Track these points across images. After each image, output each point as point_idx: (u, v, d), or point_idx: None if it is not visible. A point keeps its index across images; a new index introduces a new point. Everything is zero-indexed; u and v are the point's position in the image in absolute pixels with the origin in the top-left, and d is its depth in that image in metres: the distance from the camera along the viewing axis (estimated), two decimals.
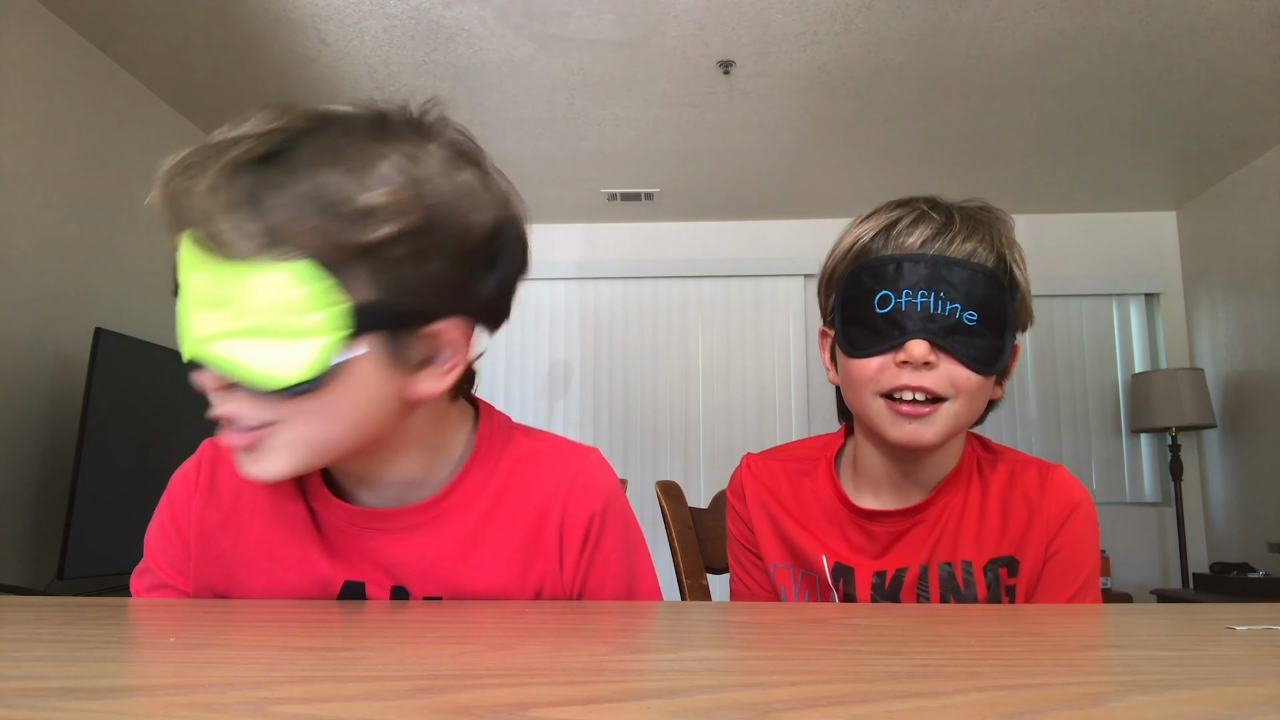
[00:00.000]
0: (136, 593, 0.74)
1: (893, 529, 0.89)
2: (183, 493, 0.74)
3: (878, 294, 0.84)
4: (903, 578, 0.87)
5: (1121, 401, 3.92)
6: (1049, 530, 0.86)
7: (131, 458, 2.32)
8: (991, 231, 0.85)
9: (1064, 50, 2.61)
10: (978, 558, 0.87)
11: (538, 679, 0.36)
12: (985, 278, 0.82)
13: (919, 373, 0.81)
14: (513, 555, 0.70)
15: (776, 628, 0.56)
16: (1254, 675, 0.38)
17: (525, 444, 0.75)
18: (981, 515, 0.88)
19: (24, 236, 2.32)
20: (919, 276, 0.82)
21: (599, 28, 2.53)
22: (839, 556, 0.89)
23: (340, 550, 0.70)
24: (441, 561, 0.69)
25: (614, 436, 4.03)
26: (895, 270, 0.83)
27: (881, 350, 0.83)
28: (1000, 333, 0.83)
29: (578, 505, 0.72)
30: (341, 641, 0.47)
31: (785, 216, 4.10)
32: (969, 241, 0.83)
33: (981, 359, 0.82)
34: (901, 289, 0.82)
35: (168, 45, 2.60)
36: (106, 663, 0.41)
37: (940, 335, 0.81)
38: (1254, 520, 3.43)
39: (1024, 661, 0.42)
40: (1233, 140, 3.24)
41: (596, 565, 0.72)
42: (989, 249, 0.84)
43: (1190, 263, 3.91)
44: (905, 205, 0.88)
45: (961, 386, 0.82)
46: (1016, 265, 0.86)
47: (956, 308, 0.81)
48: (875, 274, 0.85)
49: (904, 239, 0.84)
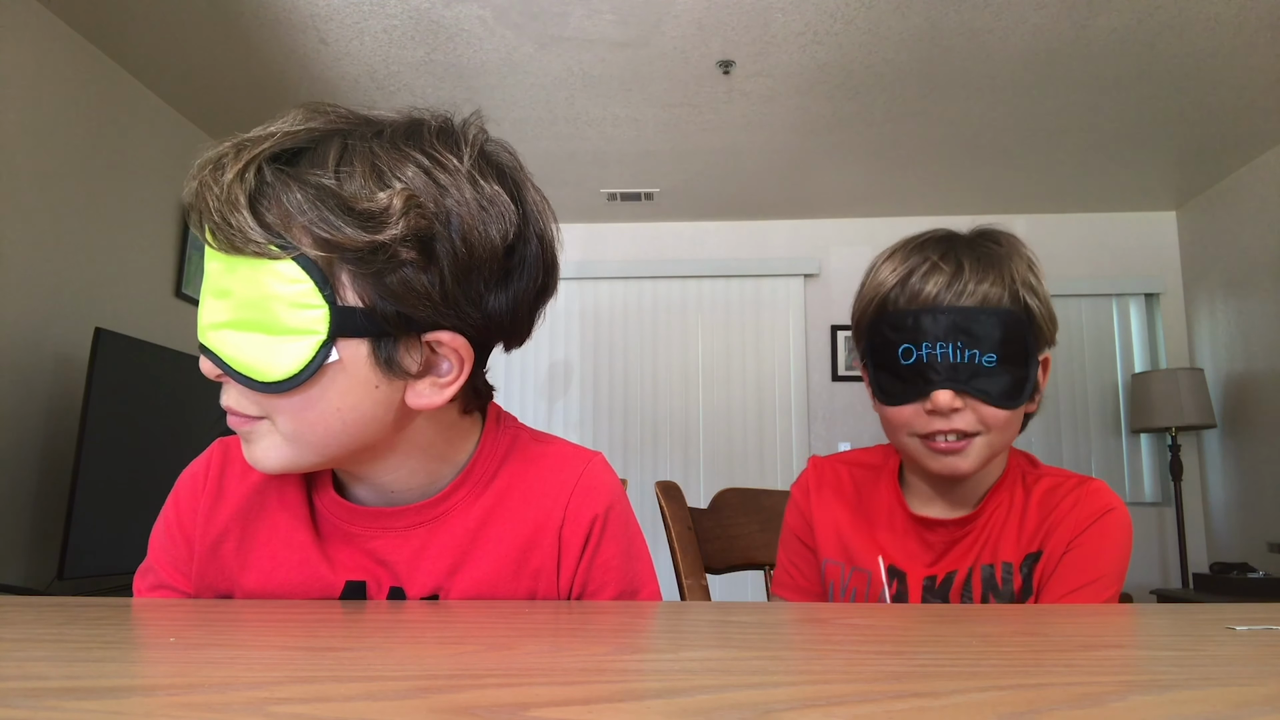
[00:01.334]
0: (138, 592, 0.74)
1: (946, 537, 0.95)
2: (190, 494, 0.74)
3: (900, 346, 0.89)
4: (952, 580, 0.93)
5: (1121, 401, 3.93)
6: (1076, 528, 0.90)
7: (131, 458, 2.32)
8: (1002, 269, 0.89)
9: (1064, 50, 2.61)
10: (1016, 557, 0.92)
11: (537, 679, 0.36)
12: (1001, 320, 0.87)
13: (948, 418, 0.87)
14: (508, 555, 0.70)
15: (776, 628, 0.56)
16: (1254, 675, 0.38)
17: (530, 447, 0.75)
18: (1022, 520, 0.93)
19: (24, 236, 2.32)
20: (938, 329, 0.87)
21: (599, 28, 2.53)
22: (893, 559, 0.95)
23: (343, 549, 0.70)
24: (440, 560, 0.69)
25: (614, 436, 4.03)
26: (914, 323, 0.88)
27: (909, 399, 0.89)
28: (1023, 364, 0.88)
29: (579, 509, 0.71)
30: (341, 641, 0.47)
31: (785, 216, 4.10)
32: (981, 285, 0.88)
33: (1006, 394, 0.87)
34: (922, 341, 0.88)
35: (168, 45, 2.60)
36: (106, 663, 0.41)
37: (963, 381, 0.87)
38: (1254, 520, 3.43)
39: (1024, 661, 0.42)
40: (1233, 140, 3.24)
41: (596, 569, 0.72)
42: (1001, 288, 0.88)
43: (1190, 263, 3.91)
44: (919, 252, 0.92)
45: (990, 422, 0.88)
46: (1030, 292, 0.90)
47: (975, 354, 0.87)
48: (895, 326, 0.90)
49: (919, 290, 0.89)
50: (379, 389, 0.61)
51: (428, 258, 0.59)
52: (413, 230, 0.58)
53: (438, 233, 0.59)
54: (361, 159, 0.59)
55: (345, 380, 0.60)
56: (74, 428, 2.23)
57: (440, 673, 0.38)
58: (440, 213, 0.59)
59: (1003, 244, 0.92)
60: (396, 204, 0.57)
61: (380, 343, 0.60)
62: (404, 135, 0.62)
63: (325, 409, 0.60)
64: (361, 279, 0.58)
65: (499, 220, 0.62)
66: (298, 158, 0.59)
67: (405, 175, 0.59)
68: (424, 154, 0.60)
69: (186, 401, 2.57)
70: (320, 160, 0.59)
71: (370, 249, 0.57)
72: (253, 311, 0.58)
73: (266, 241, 0.57)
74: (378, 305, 0.59)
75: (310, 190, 0.58)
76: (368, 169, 0.59)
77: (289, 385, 0.58)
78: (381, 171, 0.59)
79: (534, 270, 0.66)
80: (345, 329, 0.58)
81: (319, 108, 0.63)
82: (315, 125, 0.61)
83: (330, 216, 0.57)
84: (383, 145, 0.60)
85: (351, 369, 0.60)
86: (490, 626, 0.52)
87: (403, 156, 0.60)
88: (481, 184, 0.62)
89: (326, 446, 0.63)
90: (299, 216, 0.57)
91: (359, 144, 0.60)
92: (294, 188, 0.58)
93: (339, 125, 0.61)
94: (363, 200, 0.57)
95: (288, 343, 0.58)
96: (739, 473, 3.94)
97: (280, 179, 0.58)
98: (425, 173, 0.60)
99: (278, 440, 0.62)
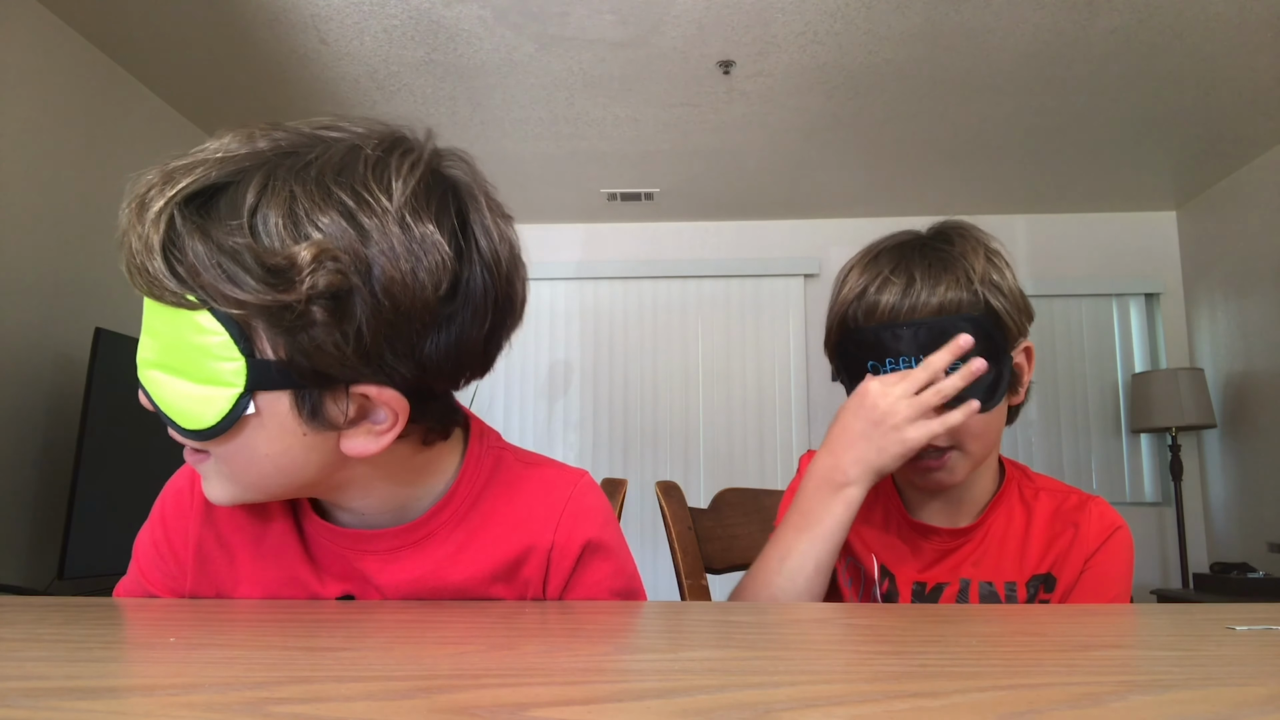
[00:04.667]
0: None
1: (940, 547, 0.93)
2: (177, 510, 0.72)
3: (866, 362, 0.88)
4: (941, 590, 0.92)
5: (1121, 401, 3.92)
6: (1088, 549, 0.90)
7: (131, 458, 2.32)
8: (955, 272, 0.86)
9: (1064, 50, 2.61)
10: (1020, 576, 0.91)
11: (537, 679, 0.36)
12: (960, 324, 0.84)
13: None
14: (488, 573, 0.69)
15: (776, 628, 0.56)
16: (1254, 675, 0.38)
17: (514, 469, 0.72)
18: (1025, 538, 0.92)
19: (24, 236, 2.32)
20: (899, 345, 0.85)
21: (599, 28, 2.53)
22: (884, 560, 0.94)
23: (329, 568, 0.69)
24: (424, 581, 0.68)
25: (614, 436, 4.03)
26: (875, 339, 0.87)
27: None
28: (995, 363, 0.85)
29: (568, 534, 0.70)
30: (341, 641, 0.47)
31: (785, 216, 4.10)
32: (935, 292, 0.85)
33: (980, 397, 0.84)
34: (884, 358, 0.86)
35: (168, 45, 2.60)
36: (106, 663, 0.41)
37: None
38: (1254, 520, 3.43)
39: (1024, 661, 0.42)
40: (1233, 140, 3.24)
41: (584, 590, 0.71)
42: (957, 290, 0.85)
43: (1190, 263, 3.91)
44: (874, 265, 0.90)
45: (963, 434, 0.86)
46: (991, 288, 0.87)
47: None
48: (859, 344, 0.89)
49: (875, 304, 0.87)
50: (307, 436, 0.59)
51: (340, 315, 0.54)
52: (324, 288, 0.53)
53: (355, 287, 0.54)
54: (279, 204, 0.55)
55: (269, 430, 0.58)
56: (74, 428, 2.22)
57: (440, 673, 0.38)
58: (359, 264, 0.54)
59: (955, 243, 0.89)
60: (305, 258, 0.53)
61: (303, 394, 0.57)
62: (335, 170, 0.57)
63: (254, 455, 0.59)
64: (277, 332, 0.55)
65: (431, 266, 0.57)
66: (217, 197, 0.55)
67: (323, 223, 0.54)
68: (351, 193, 0.56)
69: None
70: (235, 204, 0.55)
71: (277, 307, 0.54)
72: (176, 356, 0.57)
73: (181, 292, 0.55)
74: (294, 359, 0.56)
75: (213, 245, 0.54)
76: (283, 217, 0.54)
77: (210, 435, 0.58)
78: (298, 219, 0.54)
79: (481, 309, 0.61)
80: (262, 383, 0.56)
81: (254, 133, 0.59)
82: (243, 153, 0.57)
83: (236, 273, 0.53)
84: (306, 186, 0.55)
85: (274, 420, 0.58)
86: (490, 626, 0.52)
87: (325, 199, 0.55)
88: (412, 226, 0.56)
89: (267, 487, 0.63)
90: (204, 272, 0.54)
91: (281, 184, 0.55)
92: (198, 240, 0.54)
93: (268, 156, 0.57)
94: (271, 255, 0.53)
95: (208, 391, 0.57)
96: (739, 473, 3.94)
97: (189, 228, 0.54)
98: (348, 217, 0.55)
99: (220, 478, 0.62)
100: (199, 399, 0.57)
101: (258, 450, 0.59)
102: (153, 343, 0.59)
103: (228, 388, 0.56)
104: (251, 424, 0.58)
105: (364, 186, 0.56)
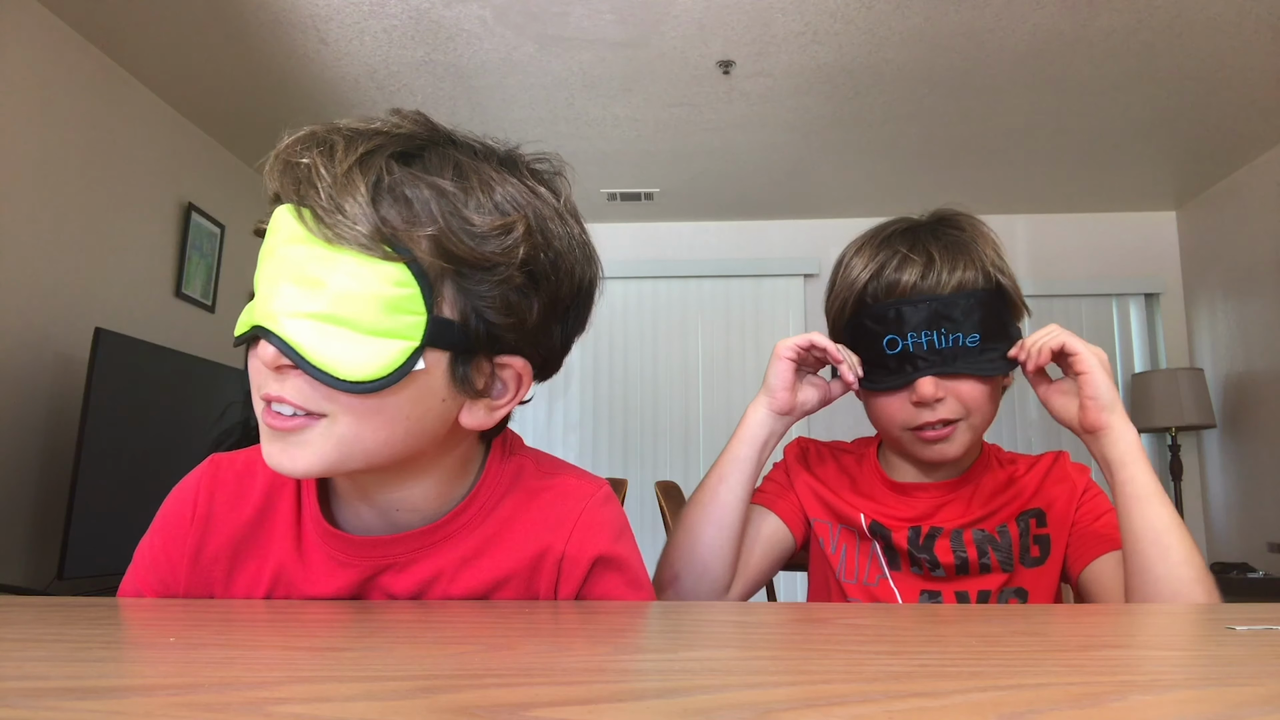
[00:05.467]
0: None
1: (929, 501, 0.98)
2: (178, 523, 0.71)
3: (885, 337, 0.92)
4: (936, 535, 0.96)
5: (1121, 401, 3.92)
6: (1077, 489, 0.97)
7: (131, 458, 2.32)
8: (971, 252, 0.93)
9: (1064, 50, 2.61)
10: (1009, 516, 0.97)
11: (538, 679, 0.36)
12: (979, 301, 0.91)
13: (933, 408, 0.91)
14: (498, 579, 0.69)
15: (776, 628, 0.56)
16: (1254, 675, 0.38)
17: (535, 479, 0.72)
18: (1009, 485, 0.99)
19: (24, 236, 2.32)
20: (919, 318, 0.90)
21: (599, 28, 2.53)
22: (874, 517, 0.98)
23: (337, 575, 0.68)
24: (435, 585, 0.68)
25: (614, 436, 4.03)
26: (896, 315, 0.91)
27: (896, 386, 0.92)
28: (1004, 337, 0.92)
29: (580, 547, 0.69)
30: (341, 641, 0.47)
31: (785, 216, 4.10)
32: (955, 272, 0.91)
33: (989, 364, 0.91)
34: (906, 332, 0.91)
35: (168, 45, 2.60)
36: (106, 663, 0.41)
37: (947, 364, 0.90)
38: (1254, 520, 3.43)
39: (1024, 661, 0.42)
40: (1233, 140, 3.24)
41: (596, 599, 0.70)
42: (975, 271, 0.92)
43: (1190, 263, 3.91)
44: (887, 246, 0.95)
45: (972, 405, 0.92)
46: (1000, 271, 0.94)
47: (959, 336, 0.90)
48: (877, 319, 0.93)
49: (895, 282, 0.92)
50: (445, 402, 0.60)
51: (533, 285, 0.59)
52: (526, 255, 0.58)
53: (543, 262, 0.60)
54: (478, 177, 0.58)
55: (420, 390, 0.58)
56: (74, 428, 2.22)
57: (440, 673, 0.38)
58: (546, 245, 0.60)
59: (965, 228, 0.96)
60: (519, 229, 0.57)
61: (460, 358, 0.59)
62: (502, 161, 0.62)
63: (395, 415, 0.58)
64: (464, 293, 0.57)
65: (584, 262, 0.64)
66: (405, 160, 0.57)
67: (519, 201, 0.59)
68: (524, 184, 0.60)
69: (186, 401, 2.57)
70: (436, 169, 0.57)
71: (486, 265, 0.57)
72: (344, 306, 0.55)
73: (376, 240, 0.54)
74: (472, 322, 0.58)
75: (439, 195, 0.56)
76: (483, 186, 0.58)
77: (372, 387, 0.56)
78: (494, 191, 0.58)
79: (586, 312, 0.68)
80: (437, 340, 0.57)
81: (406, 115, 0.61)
82: (417, 131, 0.60)
83: (456, 228, 0.56)
84: (491, 165, 0.60)
85: (431, 380, 0.59)
86: (490, 626, 0.52)
87: (507, 182, 0.59)
88: (571, 224, 0.63)
89: (378, 454, 0.60)
90: (424, 218, 0.55)
91: (467, 160, 0.59)
92: (423, 187, 0.56)
93: (438, 136, 0.60)
94: (485, 216, 0.57)
95: (377, 344, 0.55)
96: None
97: (408, 176, 0.56)
98: (527, 200, 0.60)
99: (330, 443, 0.58)
100: (369, 350, 0.56)
101: (400, 410, 0.58)
102: (306, 292, 0.56)
103: (402, 340, 0.56)
104: (409, 382, 0.57)
105: (533, 178, 0.62)
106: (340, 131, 0.58)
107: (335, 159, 0.56)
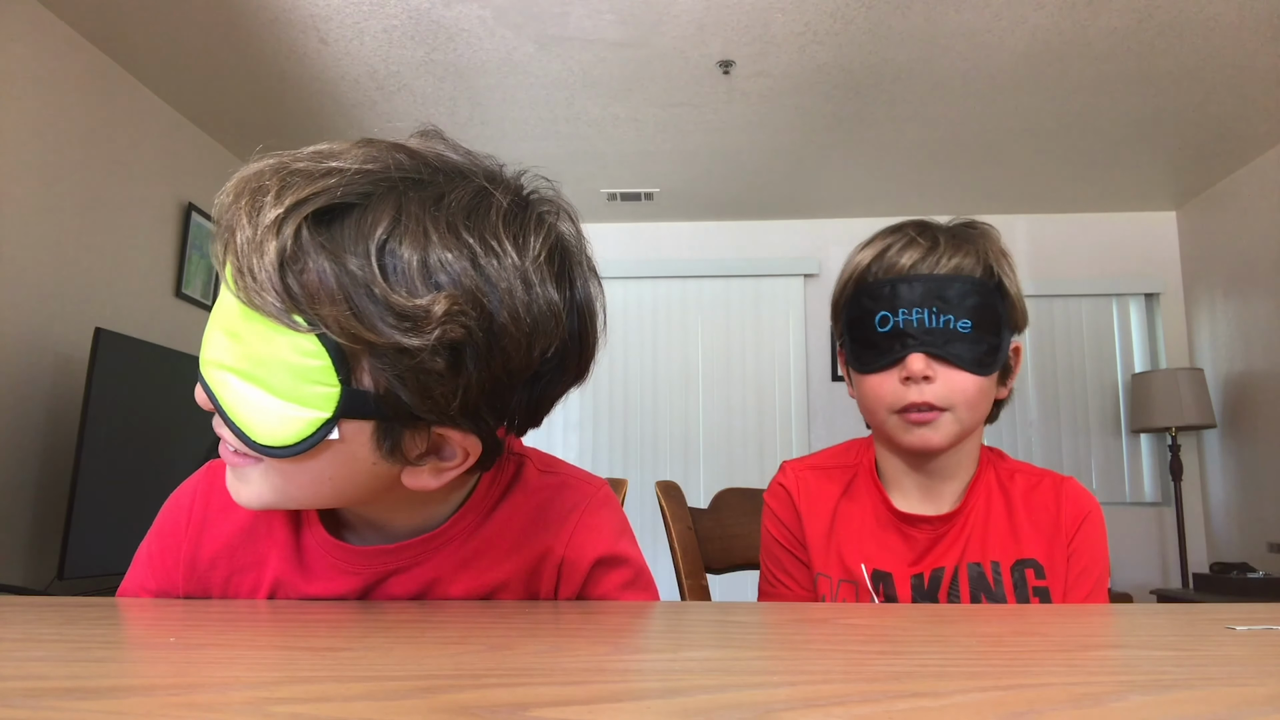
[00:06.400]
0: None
1: (930, 534, 0.96)
2: (174, 529, 0.71)
3: (878, 314, 0.92)
4: (940, 578, 0.94)
5: (1121, 401, 3.92)
6: (1067, 534, 0.95)
7: (131, 458, 2.32)
8: (976, 246, 0.94)
9: (1064, 50, 2.61)
10: (1004, 559, 0.95)
11: (537, 679, 0.36)
12: (974, 287, 0.91)
13: (920, 387, 0.90)
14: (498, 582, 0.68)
15: (776, 628, 0.56)
16: (1254, 675, 0.38)
17: (532, 477, 0.72)
18: (1007, 519, 0.96)
19: (24, 236, 2.32)
20: (913, 295, 0.91)
21: (599, 28, 2.52)
22: (877, 564, 0.97)
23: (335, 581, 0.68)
24: (435, 589, 0.68)
25: (614, 436, 4.03)
26: (890, 291, 0.92)
27: (886, 365, 0.92)
28: (995, 332, 0.92)
29: (578, 550, 0.69)
30: (342, 641, 0.47)
31: (785, 216, 4.10)
32: (955, 257, 0.92)
33: (979, 360, 0.90)
34: (898, 308, 0.91)
35: (168, 45, 2.60)
36: (106, 663, 0.41)
37: (938, 345, 0.90)
38: (1254, 520, 3.43)
39: (1024, 661, 0.42)
40: (1233, 140, 3.24)
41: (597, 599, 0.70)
42: (975, 260, 0.92)
43: (1190, 263, 3.91)
44: (897, 231, 0.96)
45: (959, 397, 0.91)
46: (1004, 273, 0.94)
47: (950, 319, 0.90)
48: (874, 296, 0.93)
49: (895, 261, 0.93)
50: (375, 466, 0.58)
51: (456, 368, 0.53)
52: (447, 340, 0.52)
53: (475, 342, 0.53)
54: (412, 241, 0.52)
55: (342, 456, 0.57)
56: (74, 428, 2.23)
57: (440, 673, 0.37)
58: (481, 320, 0.53)
59: (978, 229, 0.97)
60: (437, 310, 0.51)
61: (387, 427, 0.56)
62: (466, 211, 0.54)
63: (317, 475, 0.58)
64: (382, 369, 0.53)
65: (543, 332, 0.56)
66: (343, 217, 0.53)
67: (454, 271, 0.52)
68: (481, 242, 0.54)
69: (186, 401, 2.56)
70: (367, 230, 0.52)
71: (397, 349, 0.52)
72: (259, 368, 0.54)
73: (287, 309, 0.51)
74: (391, 395, 0.54)
75: (346, 274, 0.51)
76: (416, 256, 0.52)
77: (283, 453, 0.55)
78: (428, 263, 0.52)
79: (569, 372, 0.61)
80: (352, 411, 0.54)
81: (380, 147, 0.56)
82: (373, 170, 0.54)
83: (365, 308, 0.51)
84: (439, 224, 0.53)
85: (349, 447, 0.56)
86: (490, 626, 0.52)
87: (457, 242, 0.53)
88: (535, 286, 0.55)
89: (309, 501, 0.61)
90: (324, 296, 0.51)
91: (413, 218, 0.53)
92: (328, 264, 0.51)
93: (396, 180, 0.54)
94: (401, 297, 0.51)
95: (290, 410, 0.54)
96: (739, 473, 3.94)
97: (317, 248, 0.51)
98: (476, 267, 0.53)
99: (266, 485, 0.59)
100: (279, 416, 0.54)
101: (322, 472, 0.57)
102: (231, 346, 0.55)
103: (315, 410, 0.53)
104: (325, 448, 0.55)
105: (494, 237, 0.55)
106: (283, 172, 0.54)
107: (260, 211, 0.52)
